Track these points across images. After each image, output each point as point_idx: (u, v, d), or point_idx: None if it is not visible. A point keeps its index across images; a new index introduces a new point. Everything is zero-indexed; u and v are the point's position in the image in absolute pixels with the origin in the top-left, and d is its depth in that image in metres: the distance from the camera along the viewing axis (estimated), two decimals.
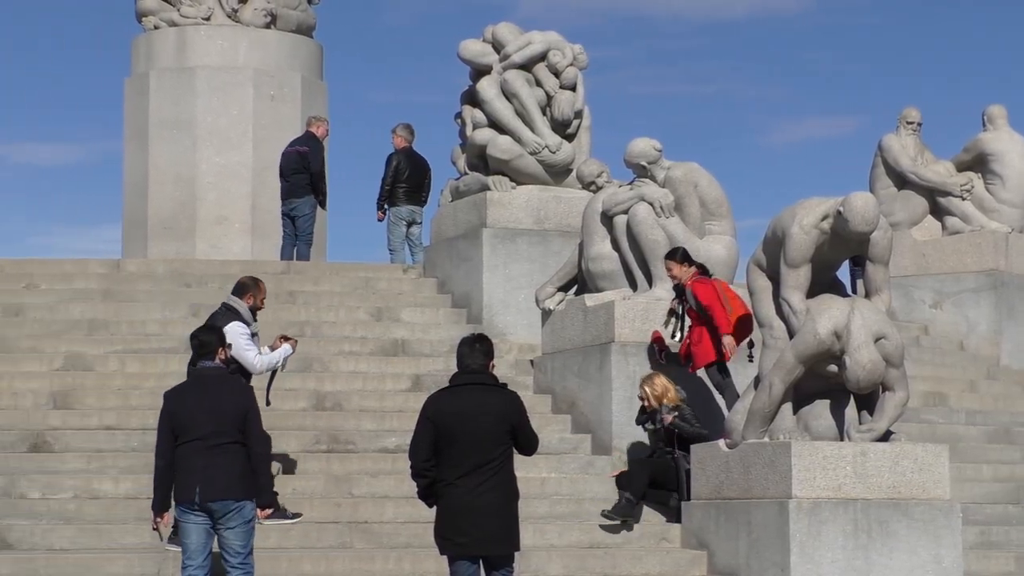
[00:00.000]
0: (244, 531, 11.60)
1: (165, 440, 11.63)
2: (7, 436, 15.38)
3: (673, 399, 14.79)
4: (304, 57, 24.17)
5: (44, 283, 19.00)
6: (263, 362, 14.11)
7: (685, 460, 14.60)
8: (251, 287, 14.33)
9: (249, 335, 14.06)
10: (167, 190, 23.37)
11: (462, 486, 10.88)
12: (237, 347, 13.86)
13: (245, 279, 14.53)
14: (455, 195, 19.58)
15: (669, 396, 14.79)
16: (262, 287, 14.41)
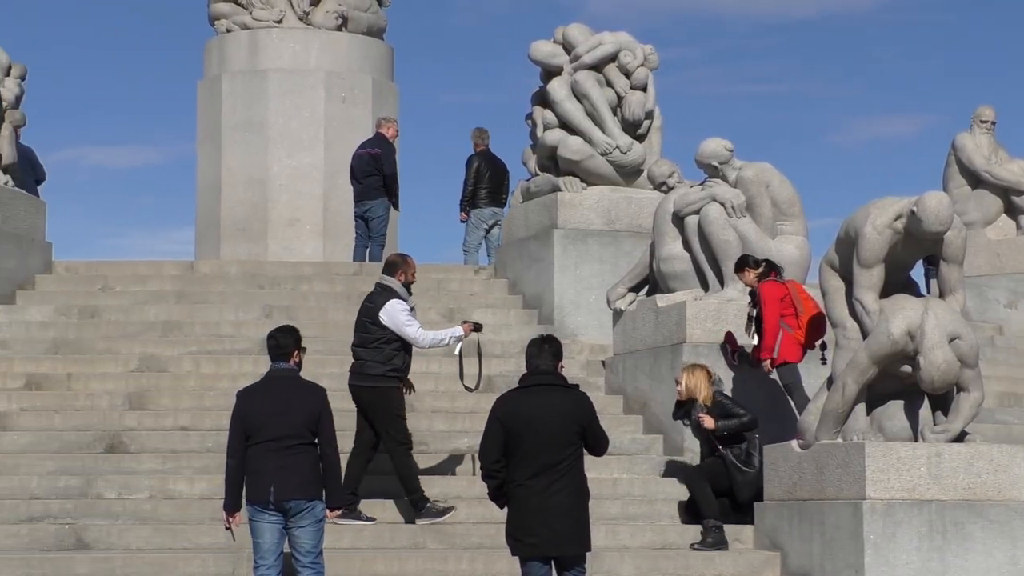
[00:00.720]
0: (315, 530, 11.68)
1: (236, 440, 11.72)
2: (84, 437, 15.53)
3: (707, 398, 14.61)
4: (375, 59, 24.25)
5: (119, 285, 19.17)
6: (426, 337, 14.20)
7: (732, 455, 14.49)
8: (400, 264, 14.48)
9: (408, 310, 14.22)
10: (239, 192, 23.51)
11: (532, 487, 10.89)
12: (397, 323, 14.10)
13: (393, 257, 14.73)
14: (526, 196, 19.61)
15: (703, 395, 14.61)
16: (411, 263, 14.54)
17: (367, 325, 14.33)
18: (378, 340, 14.27)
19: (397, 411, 14.25)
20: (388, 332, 14.24)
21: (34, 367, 16.97)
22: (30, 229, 19.18)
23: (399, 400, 14.26)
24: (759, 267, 15.34)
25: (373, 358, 14.26)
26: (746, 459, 14.51)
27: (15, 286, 18.68)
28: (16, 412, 16.06)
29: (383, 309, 14.21)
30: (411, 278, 14.53)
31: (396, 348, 14.27)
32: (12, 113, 18.90)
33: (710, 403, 14.59)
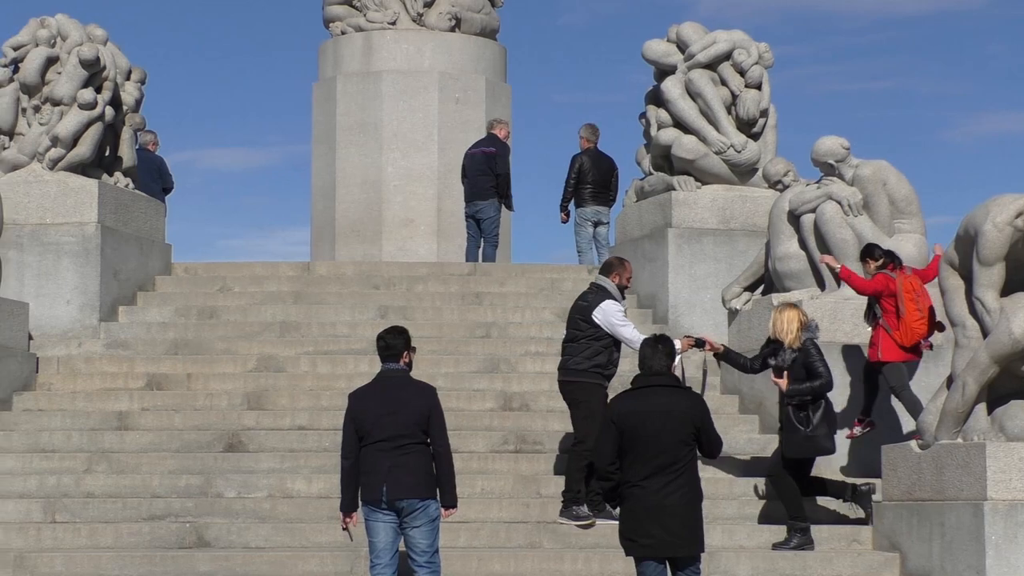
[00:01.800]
0: (429, 530, 11.73)
1: (350, 441, 11.80)
2: (204, 436, 15.72)
3: (793, 341, 14.25)
4: (488, 60, 24.31)
5: (237, 286, 19.37)
6: (641, 339, 14.23)
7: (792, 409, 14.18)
8: (616, 266, 14.60)
9: (622, 311, 14.30)
10: (354, 193, 23.67)
11: (647, 487, 10.87)
12: (612, 323, 14.20)
13: (611, 259, 14.84)
14: (640, 195, 19.58)
15: (790, 337, 14.24)
16: (627, 266, 14.63)
17: (579, 322, 14.41)
18: (587, 337, 14.34)
19: (593, 409, 14.20)
20: (599, 331, 14.30)
21: (154, 367, 17.20)
22: (150, 231, 19.43)
23: (597, 400, 14.21)
24: (879, 259, 15.21)
25: (579, 353, 14.35)
26: (804, 419, 14.24)
27: (136, 287, 18.93)
28: (137, 412, 16.29)
29: (599, 308, 14.28)
30: (625, 282, 14.58)
31: (603, 346, 14.31)
32: (132, 117, 19.16)
33: (796, 347, 14.35)
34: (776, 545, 14.04)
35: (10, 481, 14.99)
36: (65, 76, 18.28)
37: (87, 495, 14.79)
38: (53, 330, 17.90)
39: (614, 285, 14.50)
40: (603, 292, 14.44)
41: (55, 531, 14.21)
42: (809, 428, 14.11)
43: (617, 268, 14.62)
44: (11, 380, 16.51)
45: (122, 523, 14.33)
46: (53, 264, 18.12)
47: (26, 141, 18.43)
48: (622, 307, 14.45)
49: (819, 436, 14.10)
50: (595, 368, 14.30)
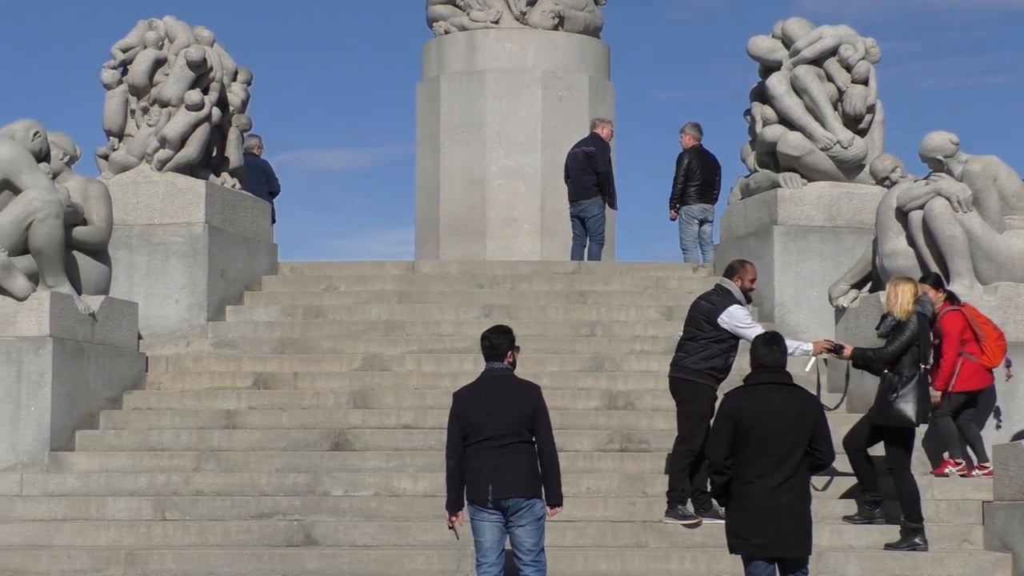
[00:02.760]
0: (535, 529, 11.72)
1: (455, 440, 11.82)
2: (311, 435, 15.81)
3: (903, 313, 14.08)
4: (592, 58, 24.27)
5: (343, 285, 19.47)
6: None
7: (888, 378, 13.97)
8: (738, 269, 14.50)
9: (749, 315, 14.24)
10: (458, 192, 23.72)
11: (760, 485, 10.80)
12: (737, 326, 14.12)
13: (734, 262, 14.76)
14: (745, 193, 19.47)
15: (899, 310, 14.06)
16: (748, 269, 14.51)
17: (701, 323, 14.32)
18: (707, 339, 14.25)
19: (701, 411, 14.13)
20: (721, 333, 14.20)
21: (261, 366, 17.33)
22: (257, 231, 19.58)
23: (705, 401, 14.15)
24: (939, 288, 15.05)
25: (696, 353, 14.27)
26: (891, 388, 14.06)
27: (243, 287, 19.08)
28: (245, 410, 16.42)
29: (727, 311, 14.15)
30: (748, 284, 14.45)
31: (722, 349, 14.20)
32: (238, 118, 19.32)
33: (904, 318, 14.13)
34: (889, 545, 13.90)
35: (121, 479, 15.16)
36: (173, 78, 18.46)
37: (196, 493, 14.92)
38: (162, 330, 18.08)
39: (737, 288, 14.39)
40: (729, 296, 14.31)
41: (165, 529, 14.35)
42: (889, 397, 13.97)
43: (739, 271, 14.48)
44: (121, 379, 16.69)
45: (231, 521, 14.45)
46: (161, 264, 18.30)
47: (135, 142, 18.64)
48: (748, 310, 14.36)
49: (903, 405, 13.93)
50: (709, 370, 14.21)
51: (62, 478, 15.18)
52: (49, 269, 15.59)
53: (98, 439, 15.92)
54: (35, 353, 15.37)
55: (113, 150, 18.77)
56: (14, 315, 15.39)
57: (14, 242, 15.40)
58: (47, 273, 15.60)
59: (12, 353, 15.38)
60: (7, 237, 15.35)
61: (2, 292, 15.37)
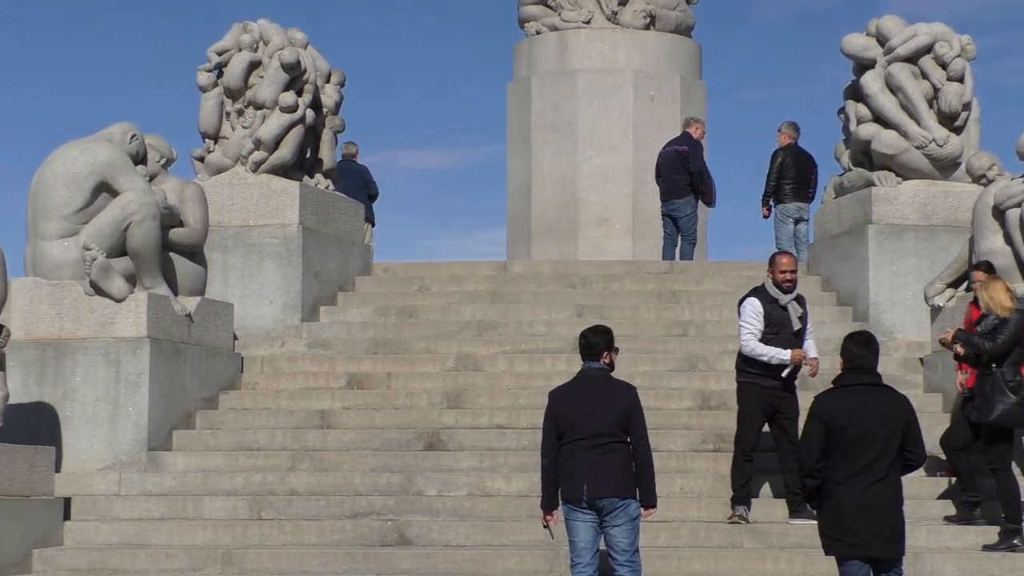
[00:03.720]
0: (630, 529, 11.70)
1: (550, 439, 11.82)
2: (404, 435, 15.88)
3: (1006, 310, 13.88)
4: (683, 57, 24.22)
5: (435, 286, 19.54)
6: (746, 347, 14.20)
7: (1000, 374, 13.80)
8: (770, 263, 14.52)
9: (754, 314, 14.16)
10: (549, 192, 23.74)
11: (853, 487, 10.73)
12: (740, 326, 14.20)
13: (772, 255, 14.73)
14: (839, 191, 19.35)
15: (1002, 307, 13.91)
16: (778, 261, 14.45)
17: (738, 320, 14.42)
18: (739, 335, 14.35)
19: (746, 410, 14.15)
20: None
21: (355, 367, 17.42)
22: (350, 232, 19.69)
23: (748, 397, 14.15)
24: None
25: (739, 353, 14.32)
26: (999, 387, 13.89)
27: (336, 287, 19.19)
28: (339, 410, 16.51)
29: (743, 303, 14.28)
30: (778, 276, 14.36)
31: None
32: (332, 119, 19.43)
33: (1006, 315, 13.96)
34: (987, 547, 13.77)
35: (217, 479, 15.30)
36: (267, 80, 18.60)
37: (291, 493, 15.03)
38: (257, 330, 18.21)
39: (768, 281, 14.35)
40: (755, 289, 14.38)
41: (261, 528, 14.46)
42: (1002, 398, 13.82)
43: (770, 265, 14.50)
44: (217, 379, 16.84)
45: (325, 520, 14.54)
46: (256, 265, 18.44)
47: (230, 144, 18.79)
48: (758, 308, 14.19)
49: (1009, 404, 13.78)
50: (747, 367, 14.20)
51: (159, 478, 15.34)
52: (146, 271, 15.75)
53: (194, 439, 16.08)
54: (133, 354, 15.54)
55: (208, 152, 18.94)
56: (112, 316, 15.57)
57: (112, 244, 15.57)
58: (144, 275, 15.76)
59: (110, 354, 15.55)
60: (105, 239, 15.52)
61: (100, 293, 15.55)
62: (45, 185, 15.62)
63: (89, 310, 15.58)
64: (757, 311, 14.20)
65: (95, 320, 15.58)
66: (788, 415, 14.32)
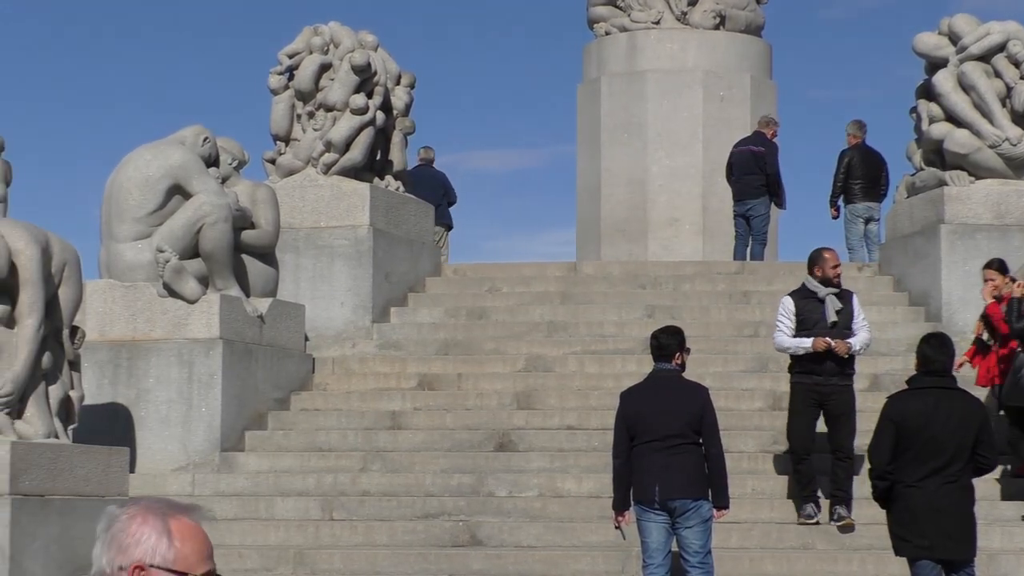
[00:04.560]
0: (702, 530, 11.67)
1: (622, 440, 11.81)
2: (475, 435, 15.90)
3: None
4: (753, 57, 24.13)
5: (505, 287, 19.55)
6: (776, 341, 14.19)
7: None
8: (816, 260, 14.45)
9: (785, 312, 14.14)
10: (619, 193, 23.71)
11: (924, 488, 10.69)
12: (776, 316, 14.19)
13: (814, 251, 14.71)
14: (911, 191, 19.23)
15: None
16: (827, 257, 14.39)
17: None
18: None
19: (790, 407, 14.17)
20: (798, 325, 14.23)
21: (426, 367, 17.46)
22: (420, 233, 19.74)
23: (793, 395, 14.14)
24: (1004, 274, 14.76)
25: None
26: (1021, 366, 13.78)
27: (407, 289, 19.24)
28: (410, 411, 16.56)
29: (781, 301, 14.25)
30: (827, 272, 14.28)
31: None
32: (402, 121, 19.49)
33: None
34: None
35: (289, 479, 15.38)
36: (338, 82, 18.67)
37: (363, 493, 15.09)
38: (328, 331, 18.29)
39: (813, 280, 14.25)
40: (799, 288, 14.35)
41: (332, 528, 14.53)
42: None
43: (817, 262, 14.36)
44: (289, 380, 16.93)
45: (397, 521, 14.59)
46: (327, 266, 18.52)
47: (301, 146, 18.88)
48: (791, 307, 14.15)
49: None
50: (793, 368, 14.14)
51: (232, 478, 15.43)
52: (218, 272, 15.85)
53: (266, 440, 16.17)
54: (205, 355, 15.64)
55: (280, 154, 19.03)
56: (185, 317, 15.68)
57: (185, 246, 15.68)
58: (217, 276, 15.86)
59: (183, 355, 15.66)
60: (178, 241, 15.63)
61: (173, 295, 15.67)
62: (119, 188, 15.75)
63: (162, 311, 15.70)
64: (788, 309, 14.16)
65: (168, 321, 15.69)
66: (835, 411, 14.18)
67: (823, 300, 14.22)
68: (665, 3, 23.90)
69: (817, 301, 14.17)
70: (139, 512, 4.13)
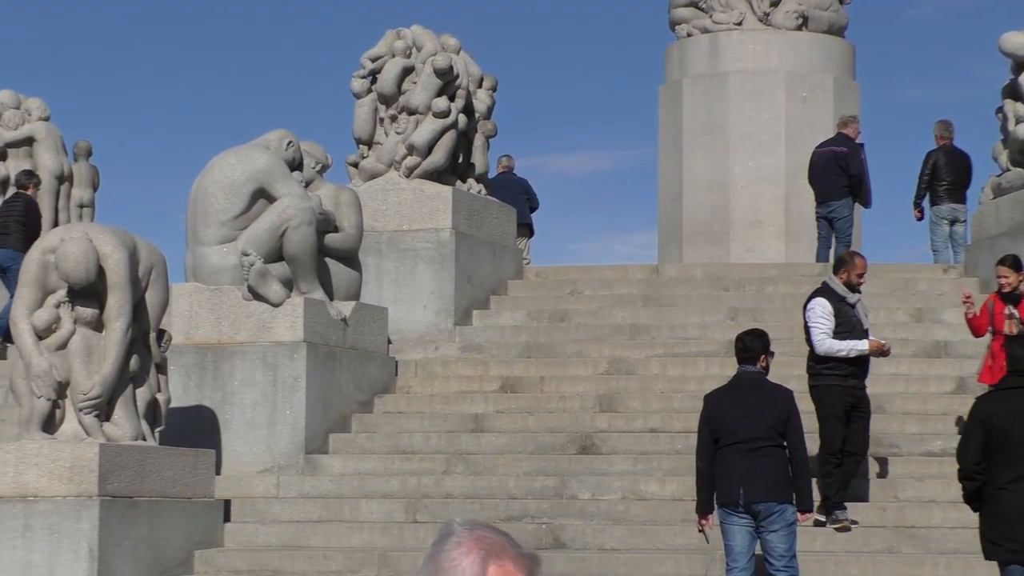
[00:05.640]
0: (786, 534, 11.62)
1: (705, 443, 11.78)
2: (558, 438, 15.90)
3: None
4: (836, 57, 23.99)
5: (587, 289, 19.54)
6: (822, 345, 13.97)
7: None
8: (845, 263, 14.34)
9: (825, 314, 13.95)
10: (701, 195, 23.64)
11: (1014, 491, 10.59)
12: (808, 323, 13.95)
13: (843, 254, 14.65)
14: (997, 192, 19.06)
15: None
16: (857, 262, 14.30)
17: (804, 323, 14.24)
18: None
19: (827, 410, 13.99)
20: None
21: (508, 370, 17.48)
22: (503, 236, 19.76)
23: (831, 399, 13.99)
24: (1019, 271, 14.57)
25: (813, 356, 14.12)
26: None
27: (489, 291, 19.27)
28: (493, 414, 16.58)
29: (809, 305, 14.06)
30: (853, 278, 14.14)
31: None
32: (484, 124, 19.52)
33: None
34: None
35: (373, 482, 15.44)
36: (420, 86, 18.73)
37: (446, 496, 15.12)
38: (410, 334, 18.34)
39: (840, 283, 14.08)
40: (820, 290, 14.12)
41: (416, 531, 14.57)
42: None
43: (847, 264, 14.19)
44: (372, 383, 16.99)
45: None
46: (410, 270, 18.57)
47: (383, 150, 18.95)
48: (828, 307, 13.93)
49: None
50: (827, 370, 13.94)
51: (317, 480, 15.51)
52: (303, 275, 15.94)
53: (350, 442, 16.24)
54: (290, 358, 15.73)
55: (363, 158, 19.11)
56: (270, 321, 15.78)
57: (269, 249, 15.78)
58: (301, 279, 15.95)
59: (268, 358, 15.76)
60: (262, 244, 15.73)
61: (258, 298, 15.77)
62: (204, 192, 15.87)
63: (247, 315, 15.80)
64: (828, 310, 13.93)
65: (253, 325, 15.79)
66: (863, 414, 14.10)
67: (853, 305, 14.10)
68: (747, 4, 23.81)
69: (847, 305, 14.04)
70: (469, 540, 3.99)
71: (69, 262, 13.46)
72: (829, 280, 14.25)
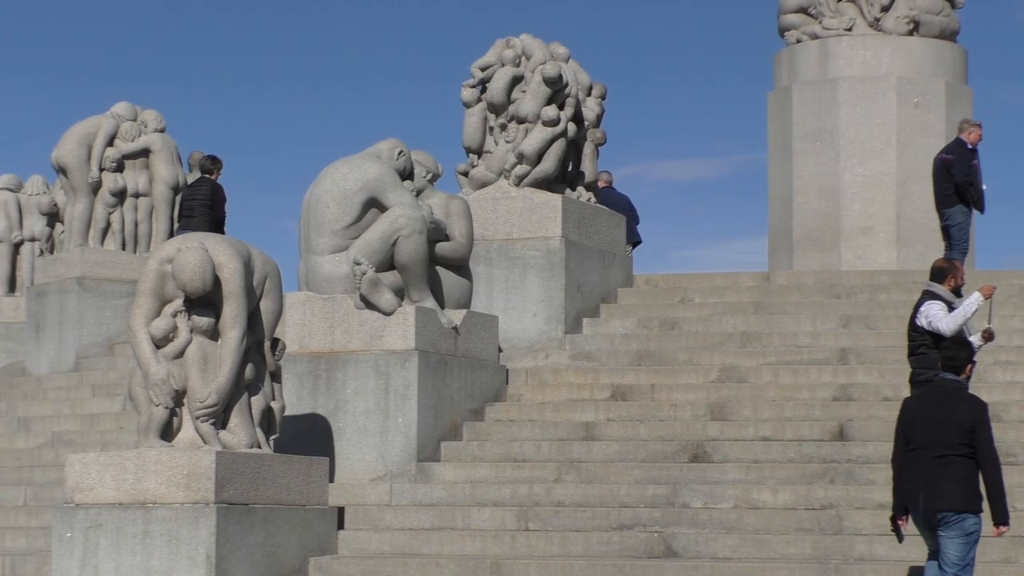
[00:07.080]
0: (962, 543, 11.53)
1: (899, 446, 11.82)
2: (669, 446, 15.88)
3: None
4: (948, 62, 23.78)
5: (697, 297, 19.50)
6: (949, 322, 13.92)
7: None
8: (947, 270, 14.37)
9: (942, 308, 13.99)
10: (811, 201, 23.51)
11: None
12: (930, 320, 13.95)
13: (939, 263, 14.63)
14: None
15: None
16: (958, 267, 14.35)
17: (911, 333, 14.21)
18: (922, 346, 14.08)
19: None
20: (929, 337, 13.99)
21: (619, 378, 17.48)
22: (612, 244, 19.76)
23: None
24: None
25: (920, 365, 14.05)
26: None
27: (599, 300, 19.28)
28: (603, 422, 16.58)
29: (920, 312, 14.01)
30: (959, 283, 14.26)
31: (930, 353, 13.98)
32: (593, 132, 19.54)
33: None
34: None
35: (485, 490, 15.49)
36: (529, 94, 18.78)
37: (557, 504, 15.15)
38: (521, 342, 18.39)
39: (946, 289, 14.08)
40: (930, 294, 14.15)
41: (528, 539, 14.60)
42: None
43: (949, 272, 14.29)
44: (483, 391, 17.05)
45: (591, 532, 14.62)
46: (520, 278, 18.62)
47: (493, 159, 19.02)
48: (947, 308, 13.99)
49: None
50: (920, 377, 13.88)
51: (429, 488, 15.59)
52: (414, 284, 16.03)
53: (461, 450, 16.30)
54: (402, 366, 15.82)
55: (472, 167, 19.19)
56: (382, 329, 15.88)
57: (381, 258, 15.88)
58: (412, 288, 16.04)
59: (380, 366, 15.86)
60: (374, 254, 15.84)
61: (370, 307, 15.87)
62: (317, 201, 16.01)
63: (359, 323, 15.91)
64: (946, 310, 13.95)
65: (365, 333, 15.90)
66: None
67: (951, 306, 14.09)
68: (858, 10, 23.67)
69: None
70: None
71: (186, 272, 13.64)
72: (934, 288, 14.18)
